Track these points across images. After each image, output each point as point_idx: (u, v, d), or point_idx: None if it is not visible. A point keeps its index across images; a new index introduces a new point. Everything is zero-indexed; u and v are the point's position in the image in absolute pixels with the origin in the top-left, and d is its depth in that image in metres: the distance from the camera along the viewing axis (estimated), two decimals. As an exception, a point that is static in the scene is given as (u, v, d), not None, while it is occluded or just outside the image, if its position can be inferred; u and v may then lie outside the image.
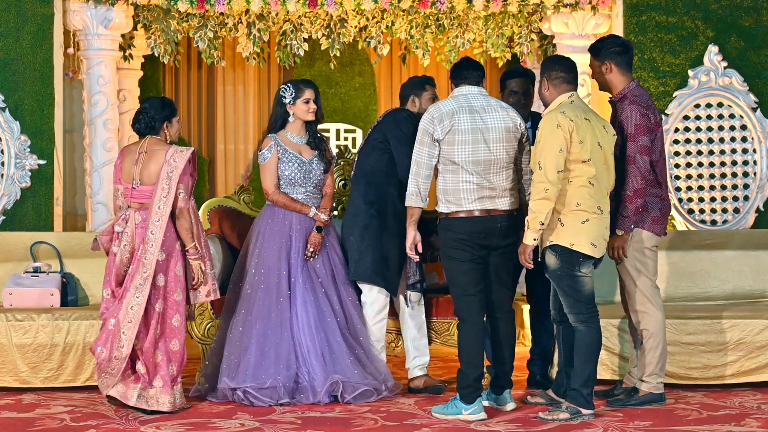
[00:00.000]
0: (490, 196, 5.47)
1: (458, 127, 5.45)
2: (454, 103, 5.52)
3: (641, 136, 5.55)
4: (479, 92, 5.58)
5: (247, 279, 6.10)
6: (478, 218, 5.46)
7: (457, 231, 5.48)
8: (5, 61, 7.52)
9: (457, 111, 5.48)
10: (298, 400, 5.84)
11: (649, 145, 5.58)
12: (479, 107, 5.52)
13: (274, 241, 6.07)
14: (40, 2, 7.52)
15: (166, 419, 5.50)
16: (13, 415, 5.68)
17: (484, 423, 5.40)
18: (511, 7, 7.68)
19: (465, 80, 5.60)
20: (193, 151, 5.72)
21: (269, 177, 6.14)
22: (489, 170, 5.46)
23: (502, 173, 5.51)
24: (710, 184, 7.68)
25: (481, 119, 5.48)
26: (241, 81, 9.76)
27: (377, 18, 7.87)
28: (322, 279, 6.08)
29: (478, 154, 5.45)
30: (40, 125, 7.53)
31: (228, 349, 5.99)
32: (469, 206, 5.46)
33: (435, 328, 6.47)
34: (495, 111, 5.53)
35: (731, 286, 6.85)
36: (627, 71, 5.70)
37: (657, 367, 5.71)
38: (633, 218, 5.59)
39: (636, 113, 5.56)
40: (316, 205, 6.14)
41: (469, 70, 5.62)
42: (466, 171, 5.45)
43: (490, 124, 5.49)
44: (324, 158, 6.18)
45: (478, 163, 5.45)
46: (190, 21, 7.86)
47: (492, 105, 5.55)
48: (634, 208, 5.57)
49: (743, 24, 7.69)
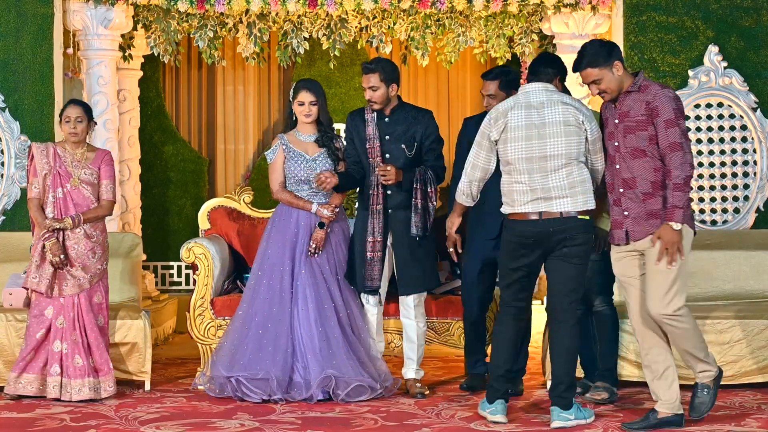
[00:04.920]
0: (544, 198, 5.33)
1: (510, 124, 5.37)
2: (511, 101, 5.46)
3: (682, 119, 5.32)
4: (543, 88, 5.43)
5: (253, 274, 6.17)
6: (530, 221, 5.34)
7: (511, 232, 5.42)
8: (5, 61, 7.51)
9: (512, 108, 5.40)
10: (291, 396, 5.86)
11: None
12: (537, 103, 5.39)
13: (279, 238, 6.13)
14: (40, 2, 7.52)
15: (166, 419, 5.50)
16: (13, 415, 5.69)
17: (485, 423, 5.39)
18: (511, 7, 7.67)
19: (534, 76, 5.51)
20: (29, 145, 6.10)
21: (274, 176, 6.20)
22: (545, 168, 5.33)
23: (561, 171, 5.32)
24: (710, 184, 7.68)
25: (538, 114, 5.36)
26: (241, 81, 9.75)
27: (378, 18, 7.87)
28: (326, 276, 6.11)
29: (532, 150, 5.33)
30: (40, 125, 7.52)
31: (227, 339, 6.06)
32: (521, 208, 5.36)
33: (435, 328, 6.47)
34: (555, 105, 5.36)
35: (731, 286, 6.84)
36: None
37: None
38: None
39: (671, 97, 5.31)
40: (321, 203, 6.16)
41: (539, 67, 5.53)
42: (518, 171, 5.35)
43: (547, 119, 5.34)
44: (332, 156, 6.20)
45: (531, 160, 5.33)
46: (190, 21, 7.85)
47: (554, 100, 5.38)
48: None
49: (743, 24, 7.69)
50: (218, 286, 6.50)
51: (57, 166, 6.09)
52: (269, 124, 9.86)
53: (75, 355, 5.99)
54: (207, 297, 6.41)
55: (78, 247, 6.05)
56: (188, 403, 5.92)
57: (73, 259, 6.05)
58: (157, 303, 8.14)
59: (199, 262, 6.39)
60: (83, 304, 6.04)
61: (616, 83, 5.31)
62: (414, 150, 6.09)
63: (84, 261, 6.06)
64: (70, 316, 6.02)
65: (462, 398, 6.06)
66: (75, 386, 5.96)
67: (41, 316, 6.03)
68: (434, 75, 9.71)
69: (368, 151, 6.10)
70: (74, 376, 5.97)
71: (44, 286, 6.01)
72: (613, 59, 5.31)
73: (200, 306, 6.39)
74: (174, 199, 9.59)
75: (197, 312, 6.39)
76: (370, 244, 6.05)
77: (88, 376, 5.97)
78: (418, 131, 6.11)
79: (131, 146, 8.45)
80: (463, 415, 5.61)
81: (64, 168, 6.10)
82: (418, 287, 6.11)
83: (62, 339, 6.01)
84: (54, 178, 6.08)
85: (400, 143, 6.07)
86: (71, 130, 6.13)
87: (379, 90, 6.04)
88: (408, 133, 6.09)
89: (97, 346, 6.05)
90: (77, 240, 6.05)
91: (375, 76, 6.03)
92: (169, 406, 5.85)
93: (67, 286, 6.04)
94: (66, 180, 6.09)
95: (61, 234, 6.05)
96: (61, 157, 6.12)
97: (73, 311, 6.03)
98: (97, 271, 6.11)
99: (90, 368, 5.99)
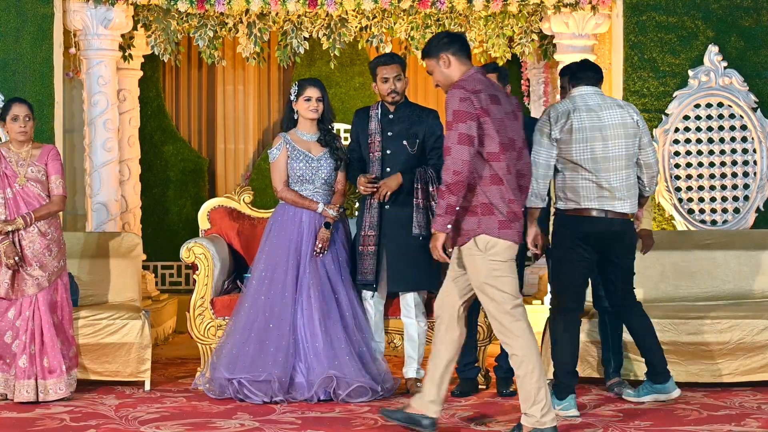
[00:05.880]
0: (609, 198, 5.50)
1: (576, 126, 5.48)
2: (570, 104, 5.57)
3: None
4: (595, 92, 5.62)
5: (255, 273, 6.14)
6: (594, 218, 5.50)
7: (573, 228, 5.54)
8: (5, 61, 7.51)
9: (573, 110, 5.53)
10: (292, 396, 5.86)
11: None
12: (595, 105, 5.56)
13: (283, 237, 6.10)
14: (40, 2, 7.52)
15: (166, 419, 5.49)
16: (13, 415, 5.68)
17: (485, 423, 5.40)
18: (511, 7, 7.67)
19: (581, 81, 5.66)
20: None
21: (278, 174, 6.18)
22: (608, 169, 5.49)
23: (622, 173, 5.52)
24: (710, 184, 7.68)
25: (598, 117, 5.52)
26: (241, 81, 9.76)
27: (378, 18, 7.87)
28: (331, 275, 6.11)
29: (596, 151, 5.47)
30: (40, 125, 7.51)
31: (228, 340, 6.03)
32: (588, 204, 5.50)
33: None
34: (611, 108, 5.56)
35: (731, 286, 6.84)
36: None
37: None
38: None
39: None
40: (325, 202, 6.16)
41: (586, 72, 5.69)
42: (586, 170, 5.49)
43: (607, 122, 5.52)
44: (335, 155, 6.20)
45: (596, 160, 5.48)
46: (190, 21, 7.85)
47: (608, 103, 5.59)
48: None
49: (743, 24, 7.69)
50: (218, 286, 6.50)
51: (3, 167, 6.02)
52: (269, 124, 9.87)
53: (23, 355, 5.96)
54: (207, 297, 6.41)
55: (34, 246, 6.00)
56: (188, 403, 5.92)
57: (29, 258, 5.98)
58: (157, 303, 8.14)
59: (199, 262, 6.39)
60: (41, 303, 5.99)
61: (443, 77, 5.07)
62: (416, 147, 6.10)
63: (41, 259, 6.01)
64: (25, 316, 5.98)
65: (462, 398, 6.05)
66: (18, 387, 5.93)
67: (5, 319, 6.01)
68: (434, 75, 9.72)
69: (369, 146, 6.13)
70: (19, 377, 5.94)
71: (4, 289, 5.98)
72: (439, 52, 5.06)
73: (200, 306, 6.39)
74: (174, 199, 9.60)
75: (197, 312, 6.39)
76: (362, 238, 6.08)
77: (29, 378, 5.92)
78: (421, 130, 6.13)
79: (131, 146, 8.45)
80: (463, 415, 5.61)
81: (10, 168, 6.03)
82: (407, 286, 6.11)
83: (19, 339, 6.00)
84: (1, 180, 6.02)
85: (402, 140, 6.09)
86: (21, 129, 6.04)
87: (402, 80, 6.14)
88: (410, 131, 6.11)
89: (51, 347, 5.98)
90: (32, 239, 6.00)
91: (398, 67, 6.14)
92: (169, 406, 5.85)
93: (27, 287, 5.98)
94: (13, 180, 6.02)
95: (16, 235, 5.99)
96: (6, 157, 6.06)
97: (29, 310, 5.99)
98: (55, 269, 6.06)
99: (33, 370, 5.92)
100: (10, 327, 6.00)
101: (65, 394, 5.99)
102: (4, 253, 5.92)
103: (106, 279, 6.80)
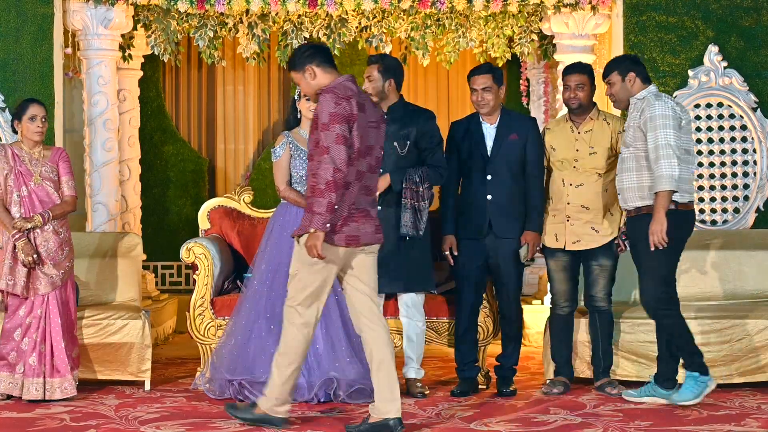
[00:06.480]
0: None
1: (686, 118, 5.78)
2: (670, 98, 5.81)
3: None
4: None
5: (257, 274, 6.13)
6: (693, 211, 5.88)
7: (685, 222, 5.77)
8: (5, 61, 7.51)
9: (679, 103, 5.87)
10: (293, 398, 5.84)
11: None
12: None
13: (285, 237, 6.08)
14: (40, 2, 7.52)
15: (166, 419, 5.49)
16: (13, 415, 5.69)
17: (485, 423, 5.39)
18: (511, 7, 7.67)
19: (649, 81, 5.88)
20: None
21: (280, 174, 6.16)
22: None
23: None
24: (710, 184, 7.68)
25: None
26: (241, 81, 9.76)
27: (378, 18, 7.87)
28: None
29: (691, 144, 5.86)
30: (41, 125, 7.52)
31: (229, 340, 6.03)
32: (693, 196, 5.83)
33: (435, 328, 6.46)
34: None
35: (731, 286, 6.84)
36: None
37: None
38: None
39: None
40: None
41: (647, 72, 5.95)
42: (690, 162, 5.81)
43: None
44: None
45: (691, 152, 5.84)
46: (190, 21, 7.85)
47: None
48: None
49: (743, 24, 7.69)
50: (218, 286, 6.50)
51: (17, 166, 6.08)
52: (269, 124, 9.87)
53: (32, 354, 5.98)
54: (207, 297, 6.41)
55: (48, 245, 6.04)
56: (188, 403, 5.92)
57: (44, 257, 6.02)
58: (157, 303, 8.14)
59: (199, 262, 6.39)
60: (51, 303, 6.02)
61: (310, 88, 5.23)
62: (407, 149, 6.08)
63: (55, 258, 6.04)
64: (36, 314, 6.01)
65: (462, 398, 6.05)
66: (26, 384, 5.95)
67: (16, 317, 6.03)
68: (434, 75, 9.72)
69: None
70: (28, 375, 5.97)
71: (20, 287, 6.00)
72: (304, 65, 5.18)
73: (200, 306, 6.39)
74: (174, 199, 9.60)
75: (197, 312, 6.39)
76: None
77: (37, 376, 5.95)
78: (413, 131, 6.09)
79: (131, 146, 8.45)
80: (463, 415, 5.61)
81: (24, 167, 6.08)
82: (399, 287, 6.10)
83: (29, 337, 6.01)
84: (16, 177, 6.06)
85: (392, 141, 6.05)
86: (38, 129, 6.11)
87: (375, 81, 6.08)
88: (401, 132, 6.08)
89: (57, 346, 6.01)
90: (47, 237, 6.04)
91: (374, 68, 6.12)
92: (169, 406, 5.85)
93: (41, 285, 6.01)
94: (28, 178, 6.07)
95: (31, 233, 6.03)
96: (19, 156, 6.11)
97: (41, 308, 6.01)
98: (66, 268, 6.11)
99: (41, 369, 5.95)
100: (20, 325, 6.02)
101: (71, 393, 6.00)
102: (22, 250, 5.96)
103: (107, 279, 6.80)
